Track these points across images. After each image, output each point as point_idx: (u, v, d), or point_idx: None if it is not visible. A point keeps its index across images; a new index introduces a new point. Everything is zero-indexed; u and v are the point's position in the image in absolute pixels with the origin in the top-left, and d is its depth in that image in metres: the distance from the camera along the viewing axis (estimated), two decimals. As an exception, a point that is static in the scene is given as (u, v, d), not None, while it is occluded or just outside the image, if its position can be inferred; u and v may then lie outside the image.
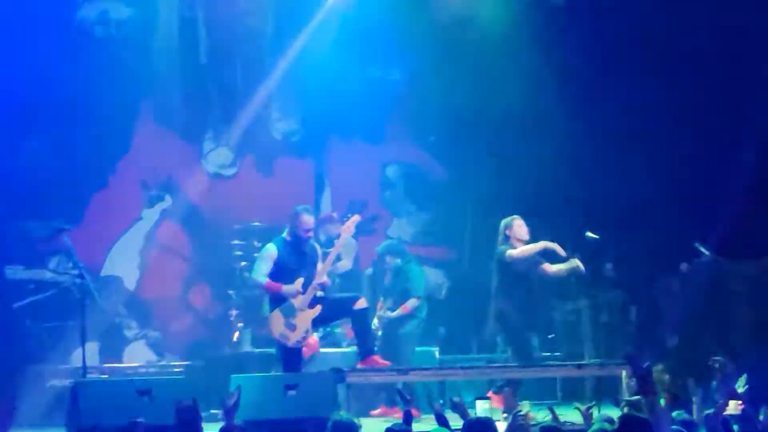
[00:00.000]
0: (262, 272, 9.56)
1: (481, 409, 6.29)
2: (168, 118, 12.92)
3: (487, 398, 6.42)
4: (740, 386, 7.32)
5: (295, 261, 9.55)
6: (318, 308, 9.48)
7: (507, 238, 10.29)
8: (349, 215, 9.72)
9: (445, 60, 13.03)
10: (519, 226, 10.31)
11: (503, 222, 10.40)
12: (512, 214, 10.81)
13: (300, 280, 9.44)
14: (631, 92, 12.75)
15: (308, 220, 9.57)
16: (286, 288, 9.42)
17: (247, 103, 13.17)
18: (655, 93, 12.78)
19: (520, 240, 10.26)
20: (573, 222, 11.77)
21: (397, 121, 13.64)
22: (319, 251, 9.77)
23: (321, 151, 13.56)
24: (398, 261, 11.12)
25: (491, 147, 13.20)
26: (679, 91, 12.67)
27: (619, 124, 12.89)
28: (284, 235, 9.70)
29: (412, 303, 10.99)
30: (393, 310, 10.88)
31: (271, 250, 9.63)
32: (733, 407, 6.20)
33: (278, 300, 9.52)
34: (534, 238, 10.51)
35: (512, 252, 10.13)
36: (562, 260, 10.29)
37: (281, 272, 9.52)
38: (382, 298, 11.09)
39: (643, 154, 12.90)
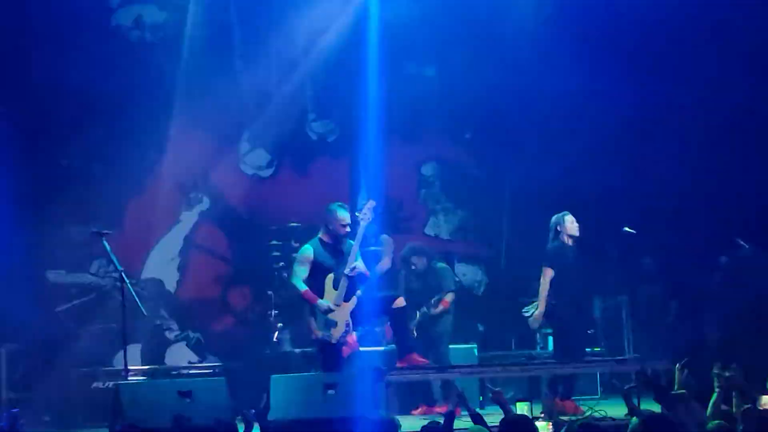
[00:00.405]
0: (300, 277, 9.56)
1: (521, 411, 6.24)
2: (204, 120, 12.99)
3: (527, 401, 6.32)
4: None
5: (332, 260, 9.56)
6: (354, 300, 9.50)
7: (558, 234, 10.27)
8: (364, 202, 9.68)
9: (480, 56, 13.01)
10: (570, 222, 10.30)
11: (554, 218, 10.38)
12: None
13: (332, 293, 9.43)
14: (668, 84, 12.67)
15: (344, 215, 9.57)
16: (320, 303, 9.43)
17: (283, 104, 13.22)
18: (693, 84, 12.70)
19: (570, 236, 10.25)
20: (611, 217, 11.72)
21: (433, 118, 13.63)
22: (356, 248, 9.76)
23: (356, 151, 13.58)
24: (424, 261, 11.14)
25: (527, 142, 13.16)
26: (717, 81, 12.58)
27: (655, 117, 12.81)
28: (320, 235, 9.72)
29: (450, 297, 11.02)
30: (429, 309, 10.91)
31: (307, 252, 9.64)
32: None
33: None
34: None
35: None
36: None
37: (319, 273, 9.53)
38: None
39: (682, 147, 12.82)
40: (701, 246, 12.87)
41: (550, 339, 12.82)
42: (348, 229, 9.62)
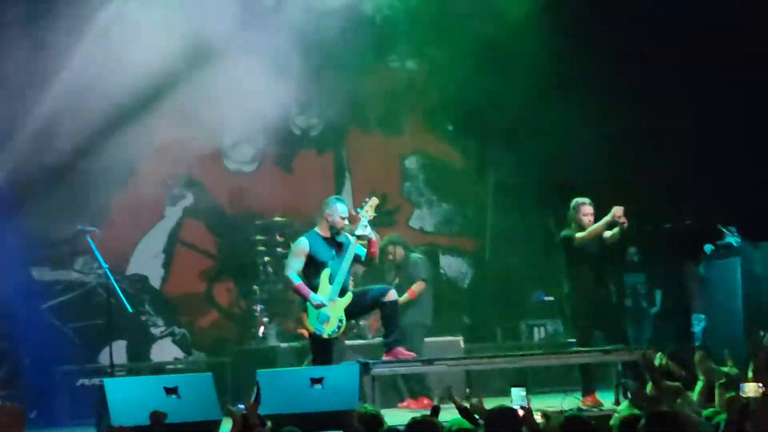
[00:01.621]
0: (294, 269, 9.50)
1: (517, 396, 6.17)
2: (187, 115, 12.95)
3: (523, 385, 6.26)
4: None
5: (328, 254, 9.51)
6: (349, 296, 9.49)
7: (574, 220, 10.15)
8: (367, 200, 9.66)
9: (463, 49, 13.01)
10: (584, 205, 10.18)
11: (572, 203, 10.25)
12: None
13: (326, 288, 9.40)
14: (650, 77, 12.70)
15: (342, 207, 9.55)
16: (312, 297, 9.39)
17: (266, 98, 13.19)
18: (676, 74, 12.73)
19: (581, 225, 10.11)
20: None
21: (416, 111, 13.64)
22: (353, 241, 9.74)
23: (340, 145, 13.59)
24: (401, 251, 11.13)
25: (510, 135, 13.18)
26: (698, 72, 12.62)
27: (640, 109, 12.84)
28: (316, 228, 9.67)
29: (417, 287, 10.97)
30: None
31: (303, 244, 9.58)
32: (754, 390, 6.15)
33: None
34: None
35: (581, 235, 10.04)
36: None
37: (314, 266, 9.48)
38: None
39: (666, 138, 12.86)
40: (688, 236, 12.92)
41: (535, 330, 12.89)
42: (346, 222, 9.60)
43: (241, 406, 10.59)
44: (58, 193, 12.19)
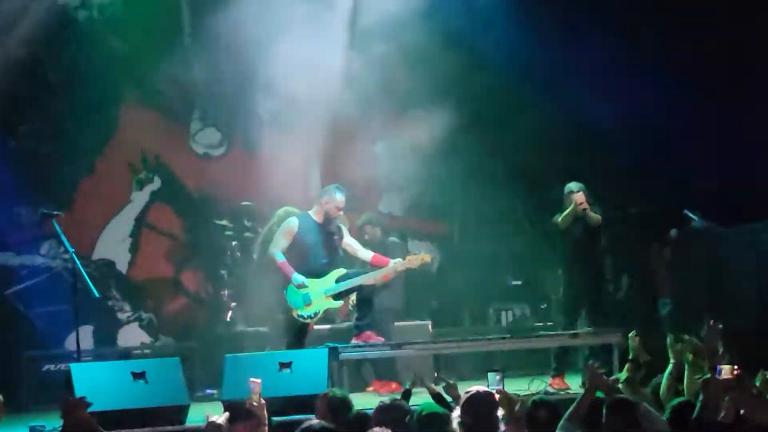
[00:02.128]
0: (279, 247, 9.46)
1: (493, 380, 6.19)
2: (154, 99, 12.89)
3: (498, 370, 6.29)
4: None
5: (315, 240, 9.47)
6: (339, 303, 9.57)
7: (567, 205, 10.22)
8: (420, 253, 9.85)
9: (430, 31, 12.97)
10: (571, 194, 10.21)
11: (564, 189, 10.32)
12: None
13: (341, 271, 9.38)
14: (619, 63, 12.73)
15: (341, 197, 9.52)
16: (295, 276, 9.36)
17: (234, 82, 13.14)
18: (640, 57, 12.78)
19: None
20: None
21: (384, 94, 13.60)
22: (344, 231, 9.73)
23: (309, 129, 13.53)
24: (378, 233, 11.12)
25: (479, 118, 13.17)
26: (668, 60, 12.67)
27: (608, 91, 12.87)
28: (311, 211, 9.63)
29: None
30: None
31: (292, 224, 9.54)
32: (728, 372, 6.19)
33: (306, 274, 9.43)
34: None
35: (557, 218, 10.16)
36: None
37: (298, 249, 9.45)
38: None
39: (633, 121, 12.91)
40: (653, 220, 12.99)
41: (503, 314, 12.93)
42: (341, 212, 9.59)
43: (210, 391, 10.64)
44: (23, 177, 12.10)
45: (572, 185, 10.32)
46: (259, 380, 6.29)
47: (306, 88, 13.18)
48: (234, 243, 11.95)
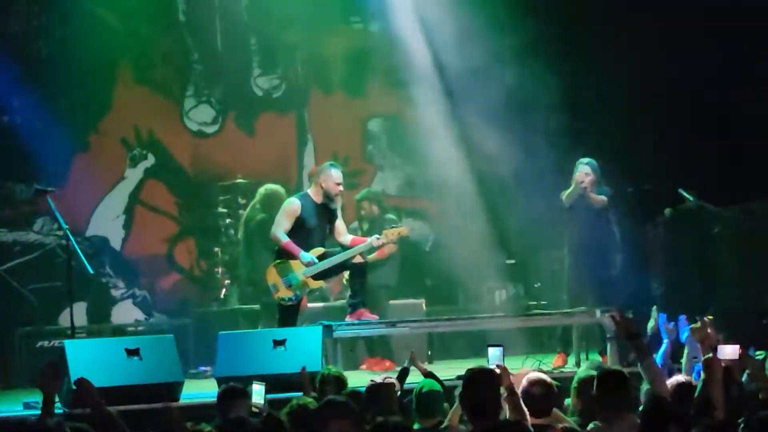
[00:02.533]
0: (282, 227, 9.41)
1: (493, 355, 6.16)
2: (148, 75, 12.85)
3: (500, 345, 6.25)
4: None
5: (316, 219, 9.44)
6: (320, 283, 9.55)
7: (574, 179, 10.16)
8: (398, 225, 9.81)
9: (424, 9, 12.92)
10: (580, 165, 10.16)
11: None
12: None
13: (319, 250, 9.37)
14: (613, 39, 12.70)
15: (337, 173, 9.47)
16: (303, 255, 9.33)
17: (228, 59, 13.11)
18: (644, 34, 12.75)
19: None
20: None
21: (379, 73, 13.57)
22: (339, 214, 9.70)
23: (302, 107, 13.51)
24: (375, 209, 11.11)
25: (474, 96, 13.13)
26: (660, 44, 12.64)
27: (601, 69, 12.84)
28: (309, 191, 9.59)
29: (388, 248, 10.95)
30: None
31: (294, 204, 9.47)
32: (731, 352, 6.21)
33: (287, 256, 9.43)
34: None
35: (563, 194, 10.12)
36: None
37: (301, 229, 9.41)
38: None
39: (626, 99, 12.89)
40: (647, 198, 12.97)
41: (497, 293, 12.94)
42: (341, 188, 9.54)
43: (203, 369, 10.65)
44: (16, 153, 12.07)
45: (581, 161, 10.21)
46: (263, 385, 6.33)
47: (301, 65, 13.19)
48: (228, 220, 11.94)
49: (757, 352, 7.24)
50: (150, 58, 12.81)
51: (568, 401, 6.56)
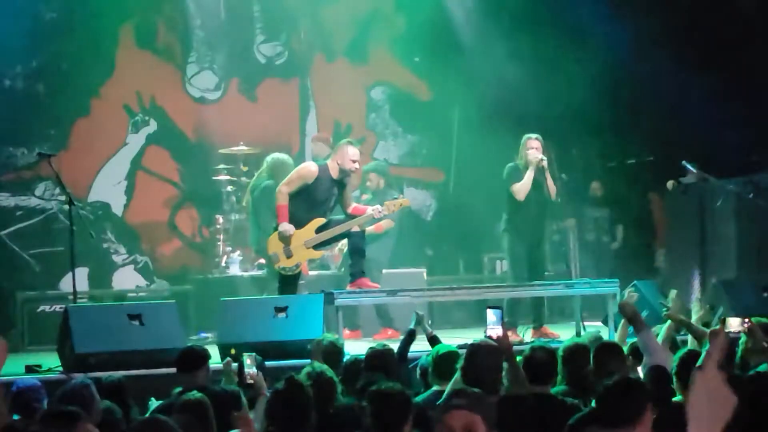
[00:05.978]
0: (290, 187, 9.32)
1: (493, 318, 6.12)
2: (150, 41, 12.79)
3: (499, 307, 6.22)
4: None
5: (326, 192, 9.39)
6: (320, 253, 9.55)
7: (521, 154, 10.02)
8: (398, 197, 9.73)
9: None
10: (530, 140, 10.01)
11: (522, 138, 10.13)
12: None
13: (321, 221, 9.33)
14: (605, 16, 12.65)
15: (353, 151, 9.41)
16: (283, 225, 9.30)
17: (231, 25, 13.05)
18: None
19: (526, 159, 9.99)
20: (560, 142, 11.75)
21: (382, 41, 13.53)
22: (348, 188, 9.66)
23: (305, 74, 13.46)
24: (381, 182, 11.08)
25: (478, 66, 13.09)
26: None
27: (602, 41, 12.79)
28: (328, 162, 9.53)
29: (386, 223, 10.93)
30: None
31: (310, 170, 9.38)
32: (738, 324, 6.20)
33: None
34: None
35: (515, 188, 9.99)
36: None
37: (307, 197, 9.36)
38: None
39: (629, 74, 12.86)
40: (650, 170, 12.97)
41: (497, 263, 12.94)
42: (357, 165, 9.50)
43: (204, 335, 10.67)
44: (18, 118, 12.03)
45: (530, 135, 10.01)
46: (253, 355, 6.30)
47: (303, 33, 13.13)
48: (229, 187, 11.92)
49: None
50: (153, 24, 12.76)
51: None
